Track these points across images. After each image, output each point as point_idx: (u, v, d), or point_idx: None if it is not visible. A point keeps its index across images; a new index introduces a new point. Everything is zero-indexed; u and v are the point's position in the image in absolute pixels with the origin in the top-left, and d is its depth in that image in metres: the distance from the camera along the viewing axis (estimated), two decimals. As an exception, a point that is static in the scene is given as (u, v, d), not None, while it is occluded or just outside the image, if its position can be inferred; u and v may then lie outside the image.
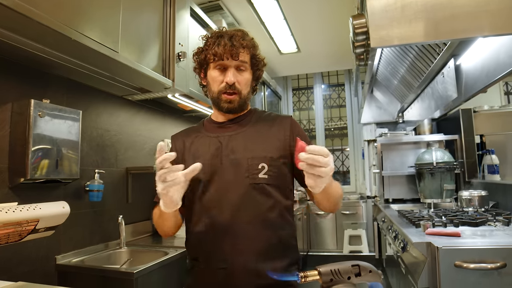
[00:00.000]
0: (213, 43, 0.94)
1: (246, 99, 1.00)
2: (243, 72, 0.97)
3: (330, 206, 0.92)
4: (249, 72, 0.99)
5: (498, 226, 1.63)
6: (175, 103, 2.27)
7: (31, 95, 1.43)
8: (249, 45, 0.97)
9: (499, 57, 1.39)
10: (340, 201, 0.95)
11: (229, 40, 0.93)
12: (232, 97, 0.96)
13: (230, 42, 0.92)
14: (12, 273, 1.34)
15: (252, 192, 0.92)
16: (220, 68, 0.96)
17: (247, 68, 0.98)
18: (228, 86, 0.94)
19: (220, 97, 0.96)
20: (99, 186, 1.73)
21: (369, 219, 4.11)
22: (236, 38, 0.94)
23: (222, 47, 0.92)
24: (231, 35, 0.94)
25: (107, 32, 1.44)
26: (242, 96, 0.97)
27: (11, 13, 1.03)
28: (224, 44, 0.92)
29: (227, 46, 0.92)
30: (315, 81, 5.20)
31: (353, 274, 0.62)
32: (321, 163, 0.70)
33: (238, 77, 0.96)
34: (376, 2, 1.20)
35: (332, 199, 0.90)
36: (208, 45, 0.96)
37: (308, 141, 1.02)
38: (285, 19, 3.19)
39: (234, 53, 0.93)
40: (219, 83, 0.96)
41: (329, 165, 0.71)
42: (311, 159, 0.70)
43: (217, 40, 0.94)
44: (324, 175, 0.71)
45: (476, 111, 2.74)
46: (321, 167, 0.70)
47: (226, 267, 0.89)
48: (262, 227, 0.91)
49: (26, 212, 0.92)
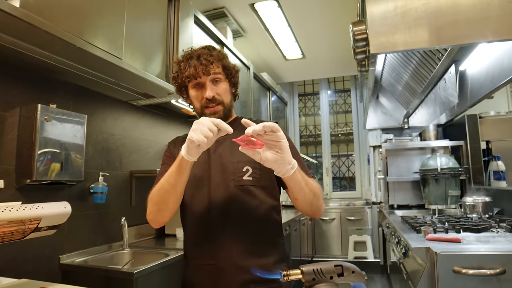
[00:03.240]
0: (185, 67, 1.01)
1: (229, 107, 1.07)
2: (219, 83, 1.04)
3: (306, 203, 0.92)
4: (225, 81, 1.06)
5: (500, 233, 1.61)
6: (179, 108, 2.32)
7: (38, 100, 1.49)
8: (218, 58, 1.03)
9: (503, 62, 1.39)
10: (318, 201, 0.94)
11: (197, 60, 1.00)
12: (215, 108, 1.03)
13: (199, 62, 1.00)
14: (17, 271, 1.38)
15: (238, 194, 0.99)
16: (197, 86, 1.03)
17: (222, 78, 1.04)
18: (209, 101, 1.01)
19: (204, 111, 1.03)
20: (103, 188, 1.78)
21: (374, 225, 4.08)
22: (203, 56, 1.01)
23: (193, 68, 1.00)
24: (198, 55, 1.02)
25: (112, 40, 1.50)
26: (225, 105, 1.05)
27: (20, 23, 1.09)
28: (194, 65, 1.00)
29: (197, 66, 1.00)
30: (321, 86, 5.21)
31: (336, 274, 0.63)
32: (274, 129, 0.74)
33: (217, 90, 1.03)
34: (376, 9, 1.22)
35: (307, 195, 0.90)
36: (181, 69, 1.03)
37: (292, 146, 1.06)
38: (289, 25, 3.23)
39: (205, 70, 1.00)
40: (200, 99, 1.03)
41: (284, 139, 0.76)
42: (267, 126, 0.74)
43: (187, 63, 1.01)
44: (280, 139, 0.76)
45: (482, 117, 2.71)
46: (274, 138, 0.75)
47: (215, 263, 0.97)
48: (248, 226, 0.98)
49: (29, 211, 0.96)
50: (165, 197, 0.94)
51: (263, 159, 0.77)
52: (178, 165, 0.89)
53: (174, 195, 0.93)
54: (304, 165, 1.04)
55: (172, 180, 0.91)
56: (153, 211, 0.98)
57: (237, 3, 2.84)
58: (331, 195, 4.87)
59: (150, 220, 1.00)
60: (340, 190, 4.95)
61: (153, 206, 0.97)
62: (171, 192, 0.93)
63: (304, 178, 0.89)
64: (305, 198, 0.91)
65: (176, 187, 0.92)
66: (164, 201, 0.95)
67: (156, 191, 0.96)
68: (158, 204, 0.96)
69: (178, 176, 0.90)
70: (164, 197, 0.94)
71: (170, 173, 0.91)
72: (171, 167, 0.91)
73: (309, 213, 0.96)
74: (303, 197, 0.90)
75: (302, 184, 0.87)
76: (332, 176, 4.97)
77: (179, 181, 0.91)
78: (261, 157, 0.77)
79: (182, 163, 0.87)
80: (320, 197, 0.96)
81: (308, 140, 5.28)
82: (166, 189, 0.93)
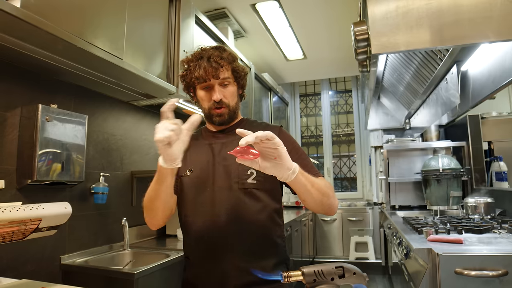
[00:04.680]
0: (195, 67, 1.01)
1: (235, 109, 1.07)
2: (228, 86, 1.03)
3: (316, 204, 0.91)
4: (233, 84, 1.05)
5: (503, 234, 1.60)
6: (181, 109, 2.32)
7: (39, 100, 1.49)
8: (228, 61, 1.03)
9: (505, 63, 1.38)
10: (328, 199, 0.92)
11: (207, 61, 0.99)
12: (221, 110, 1.03)
13: (209, 64, 0.98)
14: (18, 272, 1.38)
15: (241, 197, 0.98)
16: (206, 88, 1.03)
17: (231, 81, 1.04)
18: (216, 103, 1.02)
19: (211, 112, 1.04)
20: (104, 188, 1.77)
21: (376, 226, 4.07)
22: (214, 58, 1.00)
23: (203, 70, 0.98)
24: (209, 56, 1.00)
25: (113, 40, 1.50)
26: (231, 108, 1.05)
27: (21, 23, 1.08)
28: (204, 66, 0.98)
29: (207, 68, 0.98)
30: (323, 87, 5.20)
31: (337, 275, 0.63)
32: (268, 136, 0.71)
33: (224, 92, 1.03)
34: (377, 9, 1.21)
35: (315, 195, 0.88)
36: (190, 69, 1.03)
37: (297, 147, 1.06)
38: (291, 26, 3.22)
39: (215, 73, 0.99)
40: (207, 101, 1.03)
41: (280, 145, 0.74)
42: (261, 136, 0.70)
43: (197, 63, 1.00)
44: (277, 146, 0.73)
45: (484, 118, 2.70)
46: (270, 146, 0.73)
47: (217, 265, 0.96)
48: (251, 229, 0.98)
49: (29, 211, 0.96)
50: (152, 203, 0.98)
51: (262, 167, 0.76)
52: (158, 174, 0.91)
53: (160, 201, 0.97)
54: (311, 164, 1.02)
55: (156, 187, 0.94)
56: (146, 215, 1.03)
57: (238, 4, 2.84)
58: (332, 196, 4.85)
59: (147, 223, 1.05)
60: (341, 191, 4.94)
61: (145, 211, 1.02)
62: (156, 199, 0.97)
63: (310, 179, 0.87)
64: (314, 199, 0.89)
65: (160, 195, 0.95)
66: (152, 207, 0.99)
67: (145, 197, 1.00)
68: (148, 210, 1.01)
69: (159, 185, 0.92)
70: (151, 204, 0.99)
71: (154, 180, 0.94)
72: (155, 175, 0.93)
73: (321, 212, 0.95)
74: (311, 199, 0.89)
75: (307, 186, 0.86)
76: (333, 176, 4.96)
77: (160, 189, 0.93)
78: (260, 165, 0.76)
79: (161, 171, 0.89)
80: (331, 195, 0.93)
81: (309, 140, 5.28)
82: (151, 196, 0.97)
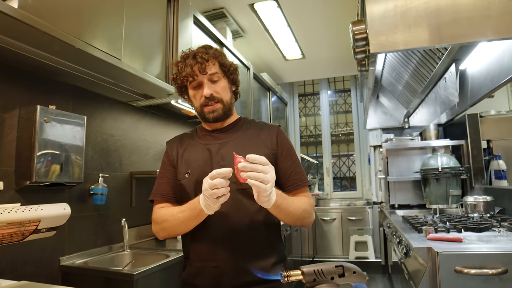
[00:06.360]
0: (182, 67, 1.02)
1: (229, 104, 1.06)
2: (217, 81, 1.03)
3: (289, 221, 0.96)
4: (223, 79, 1.05)
5: (502, 232, 1.60)
6: (180, 109, 2.31)
7: (38, 101, 1.48)
8: (214, 56, 1.03)
9: (503, 61, 1.39)
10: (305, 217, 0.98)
11: (193, 59, 1.00)
12: (214, 106, 1.03)
13: (195, 61, 1.00)
14: (17, 273, 1.38)
15: (239, 197, 0.98)
16: (196, 86, 1.03)
17: (220, 76, 1.04)
18: (207, 99, 1.01)
19: (203, 109, 1.03)
20: (103, 189, 1.77)
21: (375, 225, 4.07)
22: (199, 54, 1.01)
23: (190, 68, 1.00)
24: (194, 54, 1.02)
25: (111, 41, 1.49)
26: (225, 102, 1.04)
27: (18, 24, 1.08)
28: (190, 64, 1.00)
29: (193, 64, 1.00)
30: (321, 87, 5.20)
31: (337, 274, 0.63)
32: (259, 170, 0.75)
33: (215, 88, 1.03)
34: (375, 8, 1.21)
35: (290, 215, 0.94)
36: (179, 70, 1.03)
37: (292, 152, 1.07)
38: (289, 25, 3.22)
39: (201, 68, 0.99)
40: (198, 98, 1.03)
41: (269, 173, 0.76)
42: (249, 167, 0.75)
43: (185, 63, 1.01)
44: (265, 182, 0.76)
45: (483, 116, 2.71)
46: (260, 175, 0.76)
47: (217, 265, 0.97)
48: (249, 229, 0.98)
49: (28, 212, 0.96)
50: (176, 231, 0.99)
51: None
52: (195, 215, 0.90)
53: (186, 230, 0.98)
54: (302, 172, 1.05)
55: (187, 222, 0.94)
56: (158, 231, 1.02)
57: (237, 4, 2.84)
58: (331, 195, 4.86)
59: (155, 234, 1.04)
60: (340, 190, 4.94)
61: (160, 229, 1.01)
62: (184, 230, 0.97)
63: (288, 202, 0.91)
64: (289, 219, 0.95)
65: (190, 228, 0.96)
66: (174, 233, 1.00)
67: (164, 219, 0.99)
68: (165, 230, 1.00)
69: (192, 222, 0.93)
70: (174, 231, 0.99)
71: (186, 216, 0.92)
72: (186, 210, 0.92)
73: (297, 225, 1.00)
74: (287, 219, 0.95)
75: (285, 211, 0.91)
76: (332, 176, 4.96)
77: (193, 225, 0.94)
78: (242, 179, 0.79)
79: (201, 215, 0.88)
80: (308, 212, 0.99)
81: (308, 140, 5.28)
82: (178, 225, 0.96)
